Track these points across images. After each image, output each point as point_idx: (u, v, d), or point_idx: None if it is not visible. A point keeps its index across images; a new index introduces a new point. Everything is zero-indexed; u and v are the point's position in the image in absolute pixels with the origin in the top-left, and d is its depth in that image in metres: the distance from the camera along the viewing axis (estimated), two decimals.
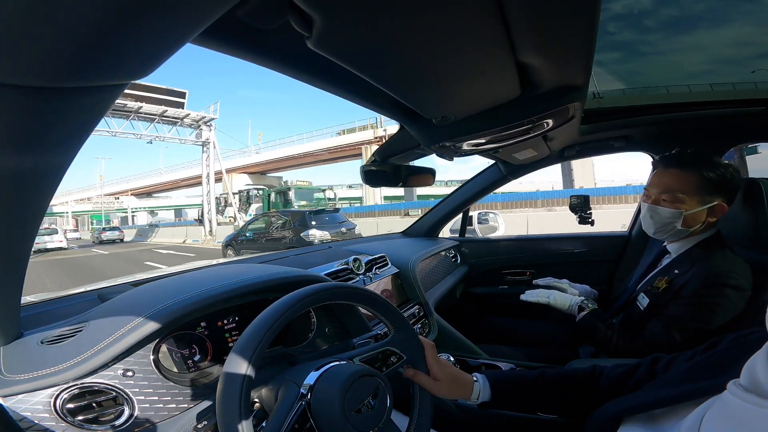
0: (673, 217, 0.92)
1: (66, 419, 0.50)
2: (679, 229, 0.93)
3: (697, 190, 0.90)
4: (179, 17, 0.26)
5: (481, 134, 0.82)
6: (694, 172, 0.90)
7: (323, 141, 23.86)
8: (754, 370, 0.35)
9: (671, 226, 0.94)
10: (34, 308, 0.75)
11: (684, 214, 0.91)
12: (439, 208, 1.82)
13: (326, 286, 0.58)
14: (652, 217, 0.96)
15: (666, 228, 0.95)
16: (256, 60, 0.47)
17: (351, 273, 1.14)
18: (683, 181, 0.91)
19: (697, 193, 0.90)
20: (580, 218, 1.64)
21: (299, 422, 0.48)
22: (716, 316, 0.85)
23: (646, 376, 0.57)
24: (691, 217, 0.91)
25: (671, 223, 0.93)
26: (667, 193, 0.93)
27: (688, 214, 0.91)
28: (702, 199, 0.90)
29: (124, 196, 39.86)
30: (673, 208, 0.92)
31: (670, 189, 0.93)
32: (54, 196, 0.40)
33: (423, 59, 0.50)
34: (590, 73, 0.67)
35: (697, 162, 0.91)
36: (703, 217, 0.91)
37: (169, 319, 0.59)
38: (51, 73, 0.25)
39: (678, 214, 0.92)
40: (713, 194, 0.90)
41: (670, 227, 0.94)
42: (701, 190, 0.90)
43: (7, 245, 0.43)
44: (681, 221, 0.92)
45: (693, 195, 0.90)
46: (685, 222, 0.92)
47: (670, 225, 0.94)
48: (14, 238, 0.43)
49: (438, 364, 0.62)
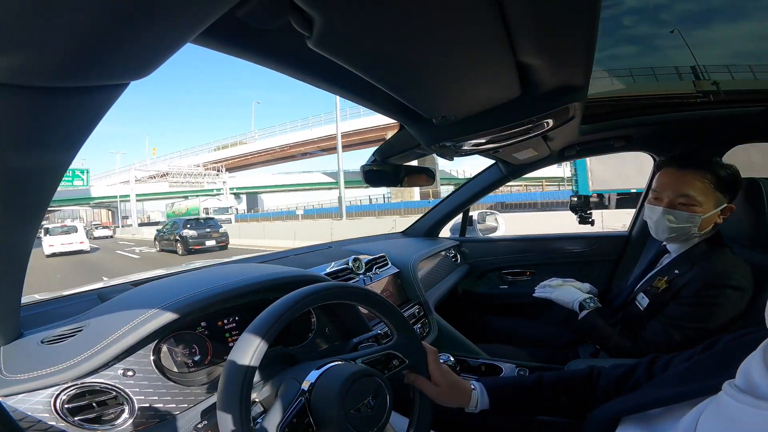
0: (690, 221, 0.88)
1: (66, 419, 0.50)
2: (694, 232, 0.90)
3: (713, 192, 0.87)
4: (179, 17, 0.26)
5: (481, 134, 0.82)
6: (709, 173, 0.87)
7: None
8: (749, 371, 0.35)
9: (687, 230, 0.90)
10: (34, 308, 0.75)
11: (702, 217, 0.88)
12: (439, 208, 1.82)
13: (330, 285, 0.58)
14: (669, 222, 0.91)
15: (683, 232, 0.91)
16: (256, 60, 0.47)
17: (351, 273, 1.14)
18: (699, 184, 0.88)
19: (714, 194, 0.88)
20: (580, 218, 1.64)
21: (298, 417, 0.48)
22: (716, 316, 0.85)
23: (644, 376, 0.57)
24: (706, 220, 0.88)
25: (688, 227, 0.89)
26: (684, 197, 0.88)
27: (705, 217, 0.88)
28: (717, 201, 0.88)
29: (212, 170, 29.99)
30: (690, 211, 0.88)
31: (685, 192, 0.88)
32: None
33: (423, 59, 0.50)
34: (590, 73, 0.67)
35: (709, 162, 0.89)
36: (715, 219, 0.89)
37: (169, 319, 0.59)
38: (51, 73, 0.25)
39: (696, 217, 0.88)
40: (725, 195, 0.88)
41: (686, 231, 0.90)
42: (716, 191, 0.87)
43: (7, 245, 0.43)
44: (698, 225, 0.88)
45: (710, 197, 0.87)
46: (700, 225, 0.89)
47: (687, 229, 0.89)
48: (14, 238, 0.43)
49: (439, 370, 0.62)
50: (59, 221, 23.37)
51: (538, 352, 1.29)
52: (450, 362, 1.03)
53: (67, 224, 15.38)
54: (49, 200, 0.41)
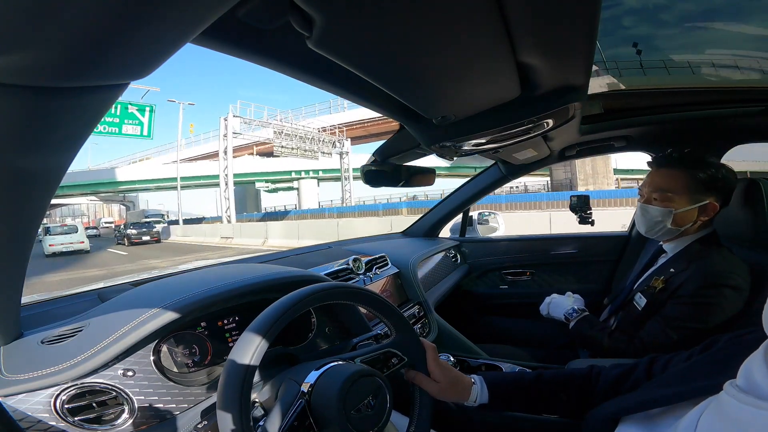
0: (662, 216, 0.94)
1: (66, 419, 0.50)
2: (669, 228, 0.95)
3: (686, 189, 0.92)
4: (179, 17, 0.26)
5: (481, 134, 0.82)
6: (684, 171, 0.92)
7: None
8: (750, 371, 0.35)
9: (661, 225, 0.95)
10: (34, 308, 0.75)
11: (674, 212, 0.93)
12: (439, 208, 1.82)
13: (330, 285, 0.58)
14: (644, 216, 0.98)
15: (656, 227, 0.96)
16: (256, 60, 0.47)
17: (351, 273, 1.14)
18: (673, 181, 0.93)
19: (687, 192, 0.92)
20: (580, 218, 1.64)
21: (299, 419, 0.48)
22: (714, 316, 0.85)
23: (643, 376, 0.57)
24: (680, 216, 0.93)
25: (661, 222, 0.95)
26: (658, 192, 0.95)
27: (678, 213, 0.93)
28: (692, 198, 0.92)
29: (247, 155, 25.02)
30: (662, 206, 0.94)
31: (660, 188, 0.95)
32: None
33: (423, 59, 0.50)
34: (590, 73, 0.67)
35: (687, 162, 0.93)
36: (693, 216, 0.93)
37: (169, 319, 0.59)
38: (51, 73, 0.25)
39: (668, 212, 0.93)
40: (704, 193, 0.91)
41: (661, 226, 0.95)
42: (691, 189, 0.91)
43: (7, 245, 0.43)
44: (671, 220, 0.94)
45: (682, 194, 0.92)
46: (675, 221, 0.94)
47: (661, 224, 0.95)
48: (14, 238, 0.43)
49: (439, 367, 0.62)
50: (60, 220, 23.18)
51: (538, 352, 1.29)
52: (450, 362, 1.03)
53: (68, 224, 15.96)
54: (50, 200, 0.41)
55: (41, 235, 13.53)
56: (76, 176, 23.90)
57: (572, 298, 1.19)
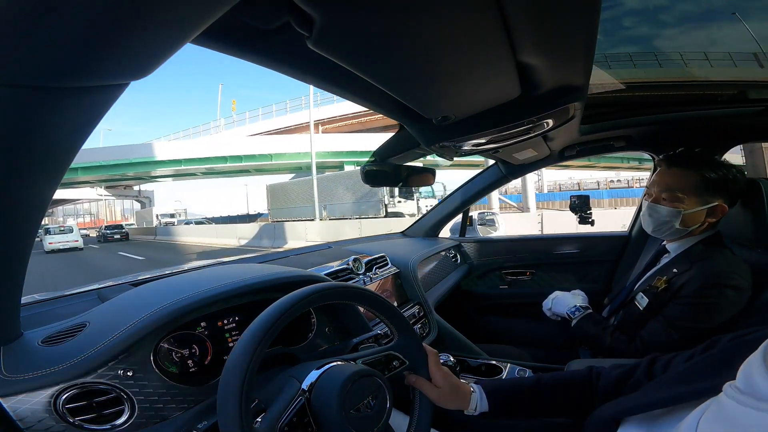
0: (671, 216, 0.93)
1: (66, 419, 0.50)
2: (677, 228, 0.94)
3: (696, 190, 0.90)
4: (179, 17, 0.26)
5: (481, 134, 0.82)
6: (695, 172, 0.91)
7: None
8: (750, 372, 0.35)
9: (669, 225, 0.94)
10: (34, 308, 0.75)
11: (683, 213, 0.92)
12: (439, 208, 1.82)
13: (331, 285, 0.58)
14: (651, 215, 0.97)
15: (664, 227, 0.95)
16: (256, 60, 0.47)
17: (351, 273, 1.14)
18: (683, 181, 0.92)
19: (697, 193, 0.91)
20: (580, 218, 1.64)
21: (298, 416, 0.48)
22: (715, 316, 0.85)
23: (644, 376, 0.57)
24: (689, 216, 0.92)
25: (669, 222, 0.94)
26: (667, 192, 0.94)
27: (686, 213, 0.91)
28: (702, 200, 0.91)
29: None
30: (671, 207, 0.93)
31: (670, 188, 0.93)
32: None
33: (423, 59, 0.50)
34: (590, 73, 0.67)
35: (698, 162, 0.92)
36: (702, 217, 0.92)
37: (169, 319, 0.59)
38: (51, 73, 0.25)
39: (677, 213, 0.92)
40: (714, 195, 0.90)
41: (668, 226, 0.94)
42: (701, 190, 0.90)
43: (7, 245, 0.43)
44: (679, 220, 0.92)
45: (692, 195, 0.91)
46: (683, 221, 0.92)
47: (669, 224, 0.94)
48: (14, 238, 0.43)
49: (440, 372, 0.62)
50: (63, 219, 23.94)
51: (538, 352, 1.29)
52: (450, 362, 1.02)
53: (65, 225, 18.84)
54: (50, 200, 0.41)
55: (41, 235, 15.70)
56: (94, 154, 18.69)
57: (579, 296, 1.18)
